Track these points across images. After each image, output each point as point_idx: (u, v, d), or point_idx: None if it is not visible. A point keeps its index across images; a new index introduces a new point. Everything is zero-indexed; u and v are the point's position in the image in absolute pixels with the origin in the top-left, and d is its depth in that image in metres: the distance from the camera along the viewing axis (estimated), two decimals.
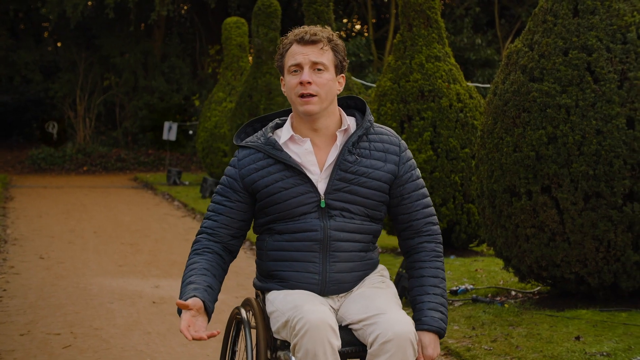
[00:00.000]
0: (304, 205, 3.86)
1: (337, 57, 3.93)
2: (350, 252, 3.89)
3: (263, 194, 3.88)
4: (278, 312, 3.78)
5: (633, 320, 6.75)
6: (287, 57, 3.95)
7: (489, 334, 6.60)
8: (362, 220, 3.91)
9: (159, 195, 20.31)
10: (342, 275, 3.88)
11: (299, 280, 3.87)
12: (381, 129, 4.01)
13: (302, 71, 3.88)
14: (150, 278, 9.71)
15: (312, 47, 3.89)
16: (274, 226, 3.92)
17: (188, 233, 13.60)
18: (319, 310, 3.63)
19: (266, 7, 18.19)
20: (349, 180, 3.87)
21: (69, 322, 7.59)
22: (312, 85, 3.85)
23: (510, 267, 7.65)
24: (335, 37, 3.96)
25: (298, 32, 3.93)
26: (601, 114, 6.90)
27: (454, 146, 10.13)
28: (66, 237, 13.11)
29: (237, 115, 18.61)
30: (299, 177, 3.87)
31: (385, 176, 3.91)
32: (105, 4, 28.01)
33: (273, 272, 3.93)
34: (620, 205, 6.85)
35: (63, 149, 28.75)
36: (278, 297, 3.85)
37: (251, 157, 3.93)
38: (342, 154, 3.88)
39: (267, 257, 3.95)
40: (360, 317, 3.73)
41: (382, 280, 4.00)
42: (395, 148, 3.96)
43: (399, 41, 10.67)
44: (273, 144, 3.92)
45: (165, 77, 31.57)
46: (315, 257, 3.85)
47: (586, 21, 7.17)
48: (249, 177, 3.91)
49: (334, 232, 3.85)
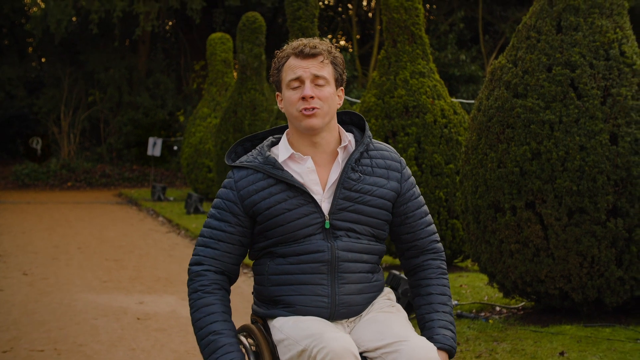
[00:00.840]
0: (308, 227, 3.67)
1: (336, 71, 3.76)
2: (359, 273, 3.71)
3: (265, 216, 3.68)
4: (290, 340, 3.56)
5: (617, 336, 6.77)
6: (285, 72, 3.74)
7: (474, 350, 6.60)
8: (368, 240, 3.75)
9: (144, 211, 20.27)
10: (351, 297, 3.70)
11: (306, 305, 3.66)
12: (380, 145, 3.86)
13: (303, 85, 3.68)
14: (134, 294, 9.68)
15: (312, 60, 3.70)
16: (275, 249, 3.71)
17: (172, 249, 13.57)
18: (342, 338, 3.44)
19: (251, 23, 18.23)
20: (353, 199, 3.70)
21: (52, 339, 7.55)
22: (314, 99, 3.66)
23: (495, 283, 7.66)
24: (335, 49, 3.80)
25: (296, 45, 3.73)
26: (585, 130, 6.93)
27: (438, 162, 10.15)
28: (50, 253, 13.05)
29: (221, 131, 18.62)
30: (303, 197, 3.67)
31: (389, 194, 3.77)
32: (90, 20, 28.04)
33: (277, 298, 3.71)
34: (603, 220, 6.88)
35: (47, 164, 28.70)
36: (287, 324, 3.63)
37: (249, 178, 3.72)
38: (345, 171, 3.71)
39: (269, 282, 3.73)
40: (377, 345, 3.56)
41: (392, 304, 3.84)
42: (397, 165, 3.83)
43: (383, 57, 10.70)
44: (273, 163, 3.71)
45: (149, 92, 31.58)
46: (324, 279, 3.66)
47: (569, 37, 7.21)
48: (250, 199, 3.69)
49: (342, 252, 3.67)
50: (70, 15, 27.94)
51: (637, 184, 6.84)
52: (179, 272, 11.18)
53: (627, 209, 6.86)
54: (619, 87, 7.02)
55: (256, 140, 3.94)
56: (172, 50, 35.01)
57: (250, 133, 17.52)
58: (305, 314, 3.66)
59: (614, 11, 7.30)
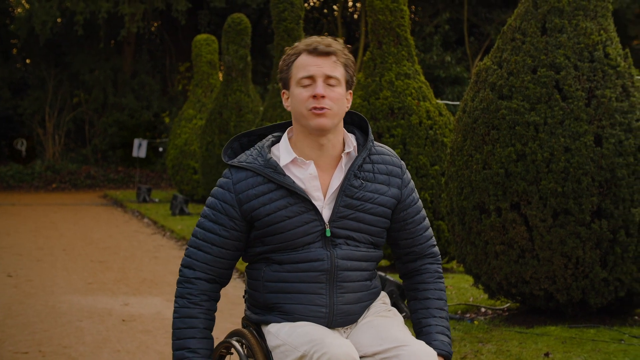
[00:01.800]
0: (308, 235, 3.54)
1: (348, 72, 3.60)
2: (357, 282, 3.62)
3: (264, 222, 3.53)
4: (287, 347, 3.45)
5: (601, 337, 6.79)
6: (295, 68, 3.56)
7: (459, 351, 6.61)
8: (367, 248, 3.64)
9: (129, 212, 20.23)
10: (349, 307, 3.61)
11: (304, 314, 3.55)
12: (382, 149, 3.72)
13: (314, 84, 3.52)
14: (119, 296, 9.66)
15: (325, 59, 3.55)
16: (272, 256, 3.58)
17: (158, 250, 13.54)
18: (344, 343, 3.35)
19: (236, 25, 18.23)
20: (354, 207, 3.58)
21: (37, 341, 7.53)
22: (325, 99, 3.51)
23: (480, 284, 7.68)
24: (347, 51, 3.65)
25: (310, 42, 3.57)
26: (569, 132, 6.95)
27: (423, 163, 10.16)
28: (35, 254, 13.01)
29: (207, 132, 18.62)
30: (304, 205, 3.53)
31: (390, 201, 3.65)
32: (75, 21, 27.97)
33: (274, 305, 3.59)
34: (588, 222, 6.90)
35: (32, 166, 28.63)
36: (283, 329, 3.53)
37: (249, 181, 3.55)
38: (348, 178, 3.57)
39: (264, 289, 3.61)
40: (377, 350, 3.49)
41: (387, 308, 3.75)
42: (398, 170, 3.70)
43: (368, 59, 10.71)
44: (274, 167, 3.53)
45: (135, 94, 31.54)
46: (322, 288, 3.55)
47: (554, 39, 7.23)
48: (249, 204, 3.53)
49: (341, 261, 3.56)
50: (55, 16, 27.89)
51: (622, 186, 6.87)
52: (164, 273, 11.16)
53: (612, 210, 6.88)
54: (604, 88, 7.04)
55: (253, 136, 3.78)
56: (158, 52, 34.98)
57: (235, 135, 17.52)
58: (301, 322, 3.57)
59: (598, 13, 7.33)
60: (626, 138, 6.95)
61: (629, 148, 6.91)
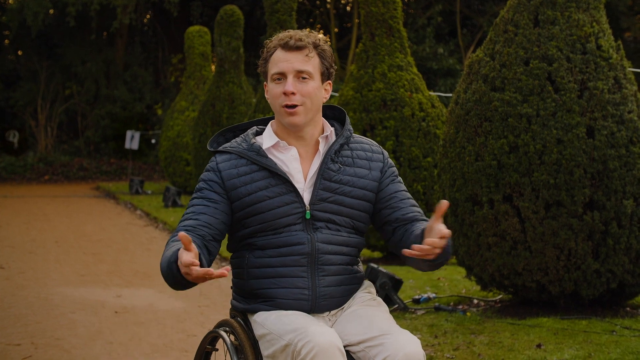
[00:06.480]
0: (288, 216, 3.59)
1: (323, 64, 3.66)
2: (339, 266, 3.65)
3: (245, 202, 3.60)
4: (272, 335, 3.48)
5: (593, 328, 6.81)
6: (270, 64, 3.66)
7: (451, 342, 6.62)
8: (348, 232, 3.68)
9: (121, 204, 20.22)
10: (332, 289, 3.63)
11: (287, 297, 3.59)
12: (361, 139, 3.80)
13: (285, 80, 3.60)
14: (112, 287, 9.66)
15: (296, 53, 3.61)
16: (254, 241, 3.64)
17: (150, 242, 13.54)
18: (327, 332, 3.37)
19: (229, 16, 18.19)
20: (333, 190, 3.64)
21: (29, 333, 7.52)
22: (296, 95, 3.58)
23: (473, 276, 7.69)
24: (322, 42, 3.69)
25: (283, 37, 3.64)
26: (562, 124, 6.97)
27: (416, 155, 10.17)
28: (27, 247, 13.00)
29: (199, 124, 18.60)
30: (285, 186, 3.60)
31: (371, 184, 3.70)
32: (67, 13, 27.90)
33: (257, 291, 3.63)
34: (580, 214, 6.92)
35: (24, 158, 28.59)
36: (269, 318, 3.55)
37: (232, 162, 3.65)
38: (325, 162, 3.65)
39: (248, 275, 3.65)
40: (361, 339, 3.50)
41: (373, 297, 3.77)
42: (379, 156, 3.77)
43: (361, 50, 10.71)
44: (257, 150, 3.64)
45: (127, 85, 31.49)
46: (304, 271, 3.59)
47: (547, 31, 7.24)
48: (231, 181, 3.61)
49: (322, 244, 3.61)
50: (47, 8, 27.83)
51: (614, 177, 6.88)
52: (156, 265, 11.15)
53: (604, 202, 6.90)
54: (596, 80, 7.05)
55: (238, 131, 3.89)
56: (150, 44, 34.91)
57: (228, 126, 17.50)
58: (286, 307, 3.59)
59: (590, 5, 7.34)
60: (618, 130, 6.96)
61: (621, 140, 6.93)
